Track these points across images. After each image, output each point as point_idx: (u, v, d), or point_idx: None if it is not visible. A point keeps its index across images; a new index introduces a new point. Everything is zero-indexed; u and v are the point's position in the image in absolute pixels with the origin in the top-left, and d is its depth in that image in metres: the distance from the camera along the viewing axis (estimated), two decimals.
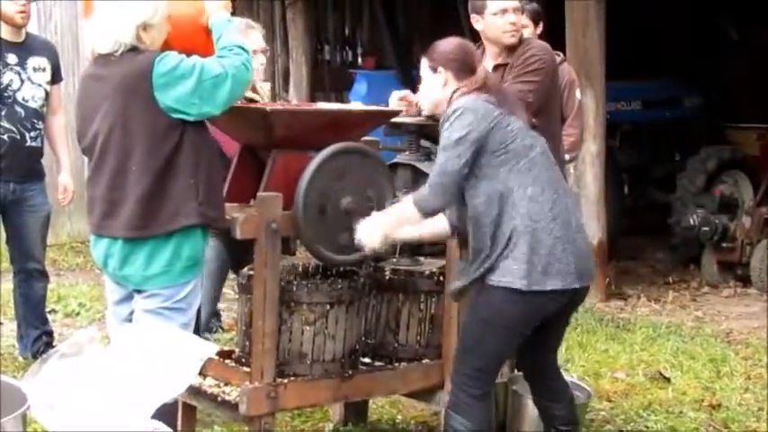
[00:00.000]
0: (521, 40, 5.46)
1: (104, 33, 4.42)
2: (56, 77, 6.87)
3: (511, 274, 4.44)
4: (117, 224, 4.46)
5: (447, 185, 4.46)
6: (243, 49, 4.50)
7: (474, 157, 4.44)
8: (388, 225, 4.60)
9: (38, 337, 6.95)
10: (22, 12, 6.65)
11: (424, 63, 4.70)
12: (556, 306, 4.56)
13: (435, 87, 4.65)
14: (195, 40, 4.53)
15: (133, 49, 4.41)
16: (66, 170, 7.03)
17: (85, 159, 4.67)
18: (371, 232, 4.60)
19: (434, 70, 4.64)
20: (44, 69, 6.74)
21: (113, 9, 4.42)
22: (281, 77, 11.58)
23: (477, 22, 5.42)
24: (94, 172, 4.53)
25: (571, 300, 4.62)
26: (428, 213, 4.54)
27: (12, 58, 6.63)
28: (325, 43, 12.14)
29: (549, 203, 4.49)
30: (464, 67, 4.62)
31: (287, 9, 11.48)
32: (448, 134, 4.46)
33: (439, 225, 4.75)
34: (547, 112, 5.38)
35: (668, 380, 6.74)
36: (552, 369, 4.91)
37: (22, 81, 6.64)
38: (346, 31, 12.32)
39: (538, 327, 4.61)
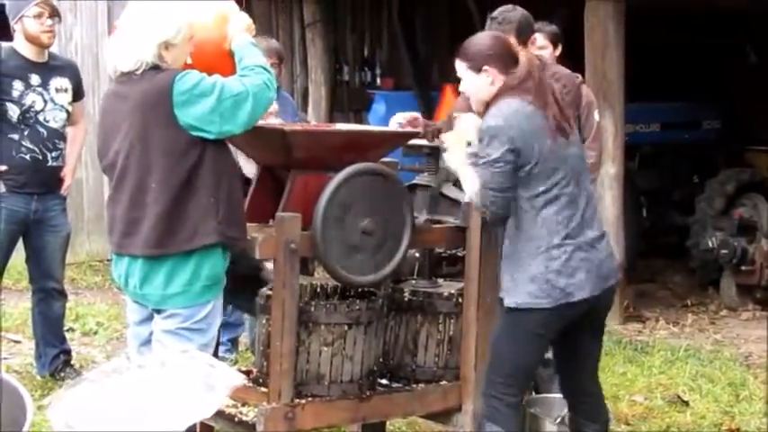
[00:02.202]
0: (544, 65, 5.49)
1: (126, 51, 4.43)
2: (77, 96, 6.90)
3: (528, 294, 4.53)
4: (136, 242, 4.46)
5: (497, 200, 4.52)
6: (265, 68, 4.52)
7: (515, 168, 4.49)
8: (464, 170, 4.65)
9: (56, 355, 6.96)
10: (48, 31, 6.69)
11: (462, 65, 4.67)
12: (578, 312, 4.63)
13: (483, 87, 4.63)
14: (219, 64, 4.55)
15: (154, 68, 4.43)
16: (69, 166, 6.94)
17: (105, 178, 4.68)
18: (456, 154, 4.67)
19: (477, 70, 4.62)
20: (66, 90, 6.79)
21: (136, 28, 4.44)
22: (300, 97, 11.61)
23: None
24: (115, 191, 4.53)
25: (595, 304, 4.67)
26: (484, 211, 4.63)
27: (35, 79, 6.67)
28: (344, 64, 12.14)
29: (565, 221, 4.52)
30: (507, 60, 4.61)
31: (306, 29, 11.51)
32: (487, 152, 4.49)
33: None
34: None
35: (687, 403, 6.71)
36: (593, 389, 4.94)
37: (45, 102, 6.68)
38: (365, 52, 12.32)
39: (569, 339, 4.72)
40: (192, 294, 4.48)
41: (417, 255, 5.42)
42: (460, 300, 5.17)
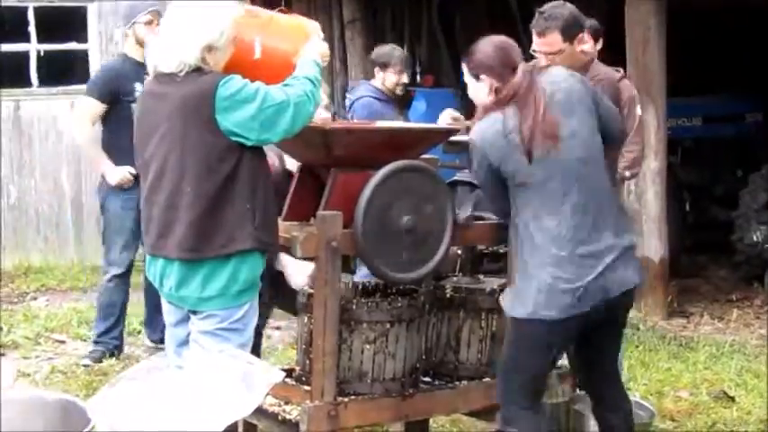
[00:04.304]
0: (590, 63, 5.54)
1: (169, 53, 4.42)
2: None
3: (535, 305, 4.53)
4: (171, 245, 4.45)
5: (489, 197, 4.79)
6: (311, 80, 4.49)
7: (499, 180, 4.62)
8: None
9: None
10: None
11: (465, 69, 4.75)
12: (591, 321, 4.59)
13: (482, 94, 4.68)
14: (283, 76, 4.54)
15: (197, 70, 4.41)
16: None
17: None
18: None
19: (477, 78, 4.69)
20: None
21: (180, 30, 4.42)
22: (339, 96, 11.61)
23: None
24: (151, 192, 4.52)
25: (611, 310, 4.63)
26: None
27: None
28: None
29: (566, 230, 4.50)
30: (504, 70, 4.62)
31: (346, 28, 11.52)
32: (472, 164, 4.70)
33: None
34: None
35: (732, 399, 6.67)
36: (611, 379, 4.91)
37: None
38: (405, 50, 12.32)
39: (585, 337, 4.67)
40: (229, 297, 4.47)
41: (459, 251, 5.41)
42: None
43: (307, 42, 4.66)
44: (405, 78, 7.54)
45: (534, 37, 5.46)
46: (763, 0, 9.13)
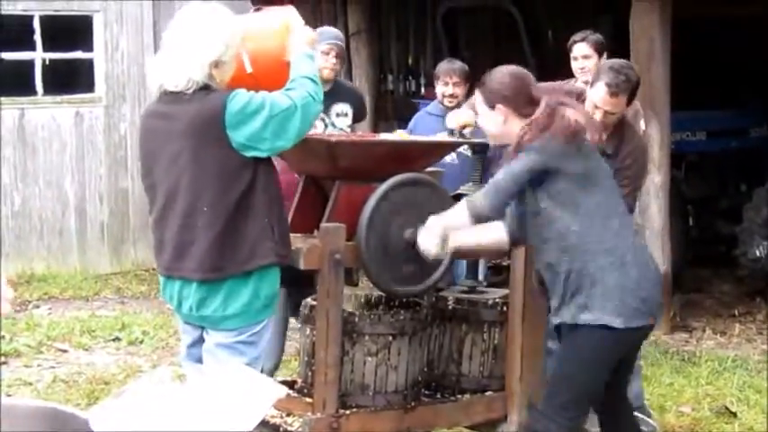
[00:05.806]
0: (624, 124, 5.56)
1: (177, 71, 4.34)
2: (358, 118, 7.35)
3: (605, 312, 4.41)
4: (190, 266, 4.40)
5: (498, 200, 4.45)
6: (312, 79, 4.47)
7: (541, 182, 4.40)
8: (443, 228, 4.56)
9: None
10: (329, 69, 6.98)
11: (479, 98, 4.62)
12: (643, 338, 4.62)
13: (496, 124, 4.56)
14: (279, 74, 4.51)
15: (204, 88, 4.35)
16: None
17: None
18: (429, 237, 4.57)
19: (492, 107, 4.55)
20: (346, 114, 7.11)
21: (186, 47, 4.34)
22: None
23: None
24: (162, 213, 4.47)
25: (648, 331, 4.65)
26: (476, 216, 4.49)
27: None
28: (388, 73, 12.16)
29: (629, 236, 4.49)
30: (522, 100, 4.51)
31: (351, 39, 11.52)
32: (516, 162, 4.42)
33: (497, 233, 4.66)
34: None
35: (735, 414, 6.65)
36: (624, 404, 4.87)
37: (326, 126, 6.97)
38: (410, 61, 12.34)
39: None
40: (251, 314, 4.44)
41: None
42: (505, 308, 5.16)
43: (290, 34, 4.61)
44: (451, 90, 7.45)
45: (604, 93, 5.39)
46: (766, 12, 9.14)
